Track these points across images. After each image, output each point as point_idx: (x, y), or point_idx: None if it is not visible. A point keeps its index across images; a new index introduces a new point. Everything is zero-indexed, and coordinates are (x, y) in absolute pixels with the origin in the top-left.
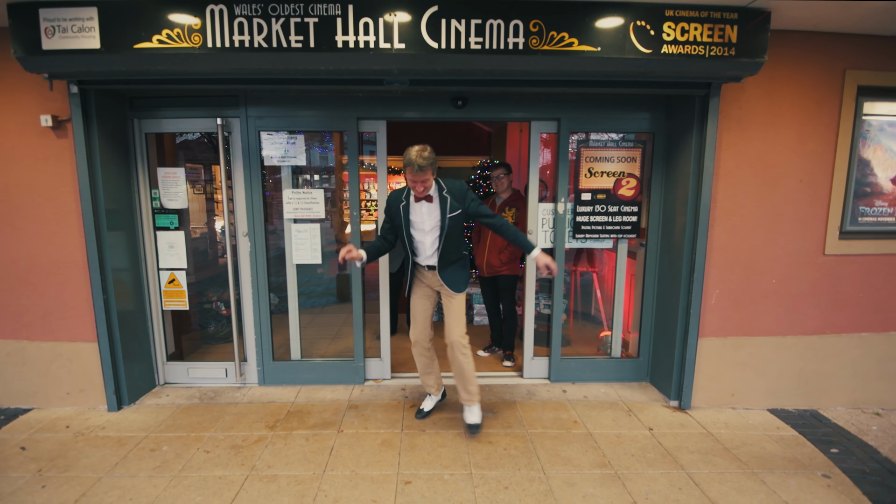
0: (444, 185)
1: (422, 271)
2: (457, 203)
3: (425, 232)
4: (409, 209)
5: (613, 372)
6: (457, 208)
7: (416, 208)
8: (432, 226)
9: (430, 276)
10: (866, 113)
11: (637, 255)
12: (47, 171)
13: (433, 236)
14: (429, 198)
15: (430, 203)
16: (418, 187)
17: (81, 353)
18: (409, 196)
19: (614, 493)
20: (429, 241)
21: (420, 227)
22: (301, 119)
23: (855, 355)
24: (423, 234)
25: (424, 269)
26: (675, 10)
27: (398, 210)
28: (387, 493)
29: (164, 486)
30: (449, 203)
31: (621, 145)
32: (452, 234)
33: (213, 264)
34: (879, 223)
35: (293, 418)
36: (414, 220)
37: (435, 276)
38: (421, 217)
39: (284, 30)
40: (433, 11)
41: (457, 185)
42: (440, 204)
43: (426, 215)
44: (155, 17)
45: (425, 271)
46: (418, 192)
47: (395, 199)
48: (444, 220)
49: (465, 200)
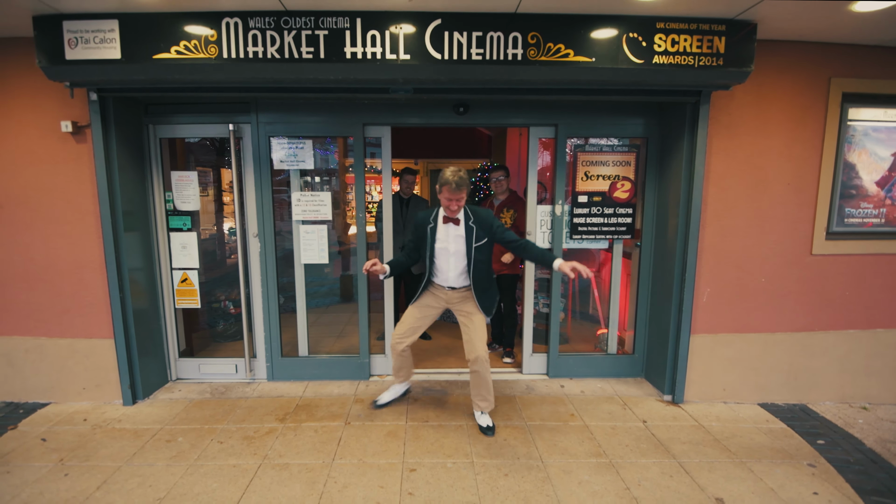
0: (471, 213)
1: (442, 289)
2: (482, 232)
3: (448, 254)
4: (435, 231)
5: (609, 368)
6: (482, 237)
7: (443, 230)
8: (455, 250)
9: (451, 295)
10: (851, 118)
11: (632, 255)
12: (66, 174)
13: (458, 260)
14: (456, 220)
15: (456, 226)
16: (453, 206)
17: (98, 349)
18: (436, 219)
19: (608, 479)
20: (452, 264)
21: (444, 249)
22: (309, 125)
23: (842, 352)
24: (446, 256)
25: (445, 289)
26: (665, 22)
27: (425, 231)
28: (393, 479)
29: (182, 474)
30: (475, 233)
31: (616, 150)
32: (482, 262)
33: (222, 264)
34: (864, 224)
35: (302, 411)
36: (440, 243)
37: (458, 294)
38: (446, 240)
39: (296, 42)
40: (436, 24)
41: (483, 213)
42: (466, 233)
43: (451, 239)
44: (173, 29)
45: (446, 290)
46: (452, 211)
47: (424, 219)
48: (469, 249)
49: (492, 229)
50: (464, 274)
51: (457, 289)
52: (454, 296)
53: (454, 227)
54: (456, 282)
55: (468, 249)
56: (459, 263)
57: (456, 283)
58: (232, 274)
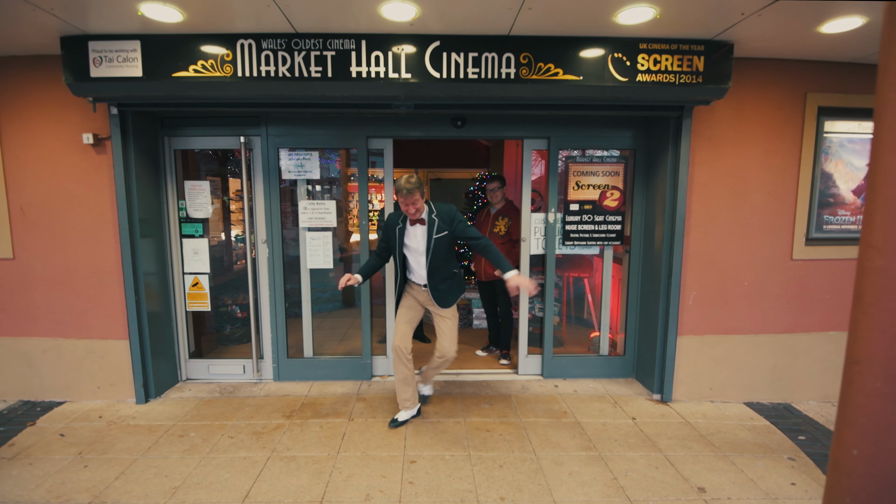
0: (434, 208)
1: (413, 286)
2: (444, 225)
3: (419, 253)
4: (404, 232)
5: (601, 368)
6: (443, 230)
7: (411, 231)
8: (424, 247)
9: (421, 292)
10: (827, 131)
11: (623, 261)
12: (87, 183)
13: (423, 257)
14: (422, 221)
15: (423, 226)
16: (410, 209)
17: (113, 349)
18: (405, 220)
19: (597, 470)
20: (422, 262)
21: (413, 249)
22: (316, 137)
23: (824, 352)
24: (416, 255)
25: (418, 286)
26: (647, 43)
27: (394, 232)
28: (395, 470)
29: (195, 466)
30: (437, 225)
31: (606, 161)
32: (440, 254)
33: (228, 270)
34: (843, 230)
35: (307, 409)
36: (408, 243)
37: (425, 292)
38: (415, 240)
39: (305, 62)
40: (435, 46)
41: (446, 208)
42: (427, 226)
43: (419, 238)
44: (192, 49)
45: (418, 287)
46: (411, 215)
47: (393, 221)
48: (429, 240)
49: (453, 223)
50: (424, 269)
51: (427, 285)
52: (423, 294)
53: (420, 227)
54: (425, 279)
55: (428, 241)
56: (424, 258)
57: (423, 279)
58: (238, 279)
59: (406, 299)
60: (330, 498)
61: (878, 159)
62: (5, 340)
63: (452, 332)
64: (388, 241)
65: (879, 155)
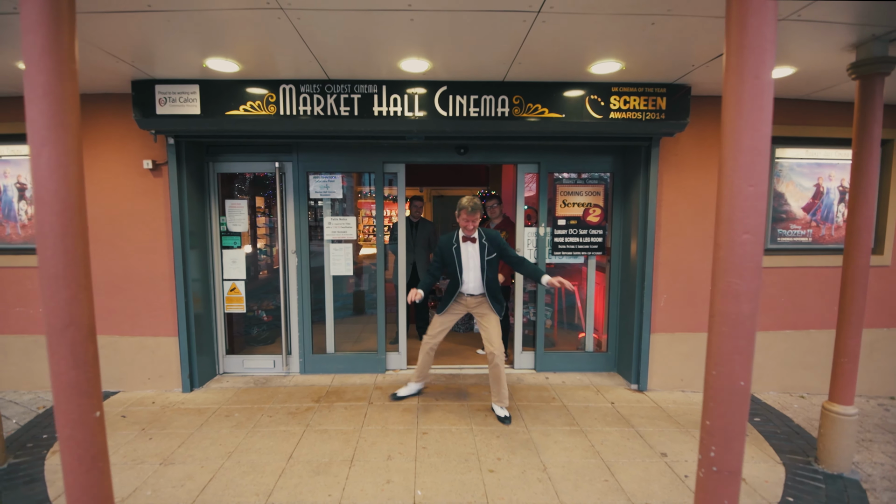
0: (483, 234)
1: (464, 297)
2: (493, 248)
3: (470, 268)
4: (459, 250)
5: (587, 363)
6: (493, 252)
7: (464, 248)
8: (475, 263)
9: (470, 301)
10: (778, 157)
11: (606, 269)
12: (144, 203)
13: (475, 272)
14: (473, 239)
15: (473, 244)
16: (469, 225)
17: (162, 345)
18: (458, 240)
19: (578, 440)
20: (472, 276)
21: (466, 264)
22: (339, 163)
23: (782, 349)
24: (468, 270)
25: (466, 296)
26: (618, 87)
27: (451, 252)
28: (410, 438)
29: (243, 437)
30: (487, 249)
31: (588, 182)
32: (492, 272)
33: (255, 279)
34: (795, 242)
35: (332, 395)
36: (463, 259)
37: (475, 300)
38: (467, 256)
39: (336, 103)
40: (443, 90)
41: (493, 234)
42: (480, 249)
43: (471, 256)
44: (242, 92)
45: (467, 297)
46: (468, 231)
47: (447, 242)
48: (483, 261)
49: (500, 247)
50: (480, 282)
51: (475, 295)
52: (472, 301)
53: (472, 245)
54: (475, 290)
55: (482, 262)
56: (477, 274)
57: (475, 290)
58: (264, 287)
59: (454, 306)
60: (359, 457)
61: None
62: None
63: (498, 331)
64: (444, 260)
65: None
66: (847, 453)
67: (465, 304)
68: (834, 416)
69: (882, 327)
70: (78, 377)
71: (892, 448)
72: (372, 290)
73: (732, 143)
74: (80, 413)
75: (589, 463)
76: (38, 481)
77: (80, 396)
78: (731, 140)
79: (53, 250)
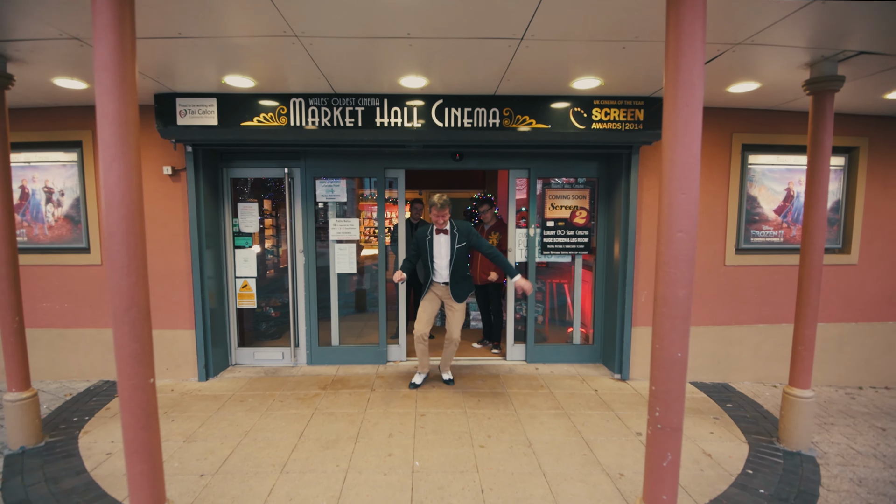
0: (454, 224)
1: (437, 285)
2: (462, 237)
3: (442, 257)
4: (432, 241)
5: (574, 355)
6: (462, 241)
7: (437, 240)
8: (446, 253)
9: (442, 288)
10: (751, 163)
11: (592, 267)
12: (164, 206)
13: (447, 261)
14: (445, 231)
15: (446, 235)
16: (440, 220)
17: (180, 338)
18: (432, 232)
19: (562, 422)
20: (444, 265)
21: (438, 254)
22: (343, 168)
23: (755, 341)
24: (440, 259)
25: (439, 284)
26: (599, 100)
27: (425, 242)
28: (409, 420)
29: (258, 419)
30: (457, 238)
31: (575, 187)
32: (460, 260)
33: (263, 277)
34: (766, 242)
35: (337, 383)
36: (435, 249)
37: (446, 289)
38: (440, 247)
39: (342, 115)
40: (440, 103)
41: (464, 225)
42: (451, 238)
43: (443, 246)
44: (256, 104)
45: (440, 285)
46: (439, 224)
47: (423, 233)
48: (453, 250)
49: (470, 237)
50: (448, 270)
51: (447, 283)
52: (442, 290)
53: (444, 236)
54: (445, 278)
55: (452, 250)
56: (446, 262)
57: (445, 278)
58: (271, 285)
59: (429, 294)
60: (363, 435)
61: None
62: (90, 331)
63: (459, 322)
64: (419, 249)
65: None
66: (805, 433)
67: (436, 293)
68: (793, 399)
69: (850, 322)
70: (137, 350)
71: (851, 430)
72: (373, 288)
73: (669, 160)
74: (138, 379)
75: (570, 440)
76: (74, 456)
77: (139, 366)
78: (668, 157)
79: (119, 246)
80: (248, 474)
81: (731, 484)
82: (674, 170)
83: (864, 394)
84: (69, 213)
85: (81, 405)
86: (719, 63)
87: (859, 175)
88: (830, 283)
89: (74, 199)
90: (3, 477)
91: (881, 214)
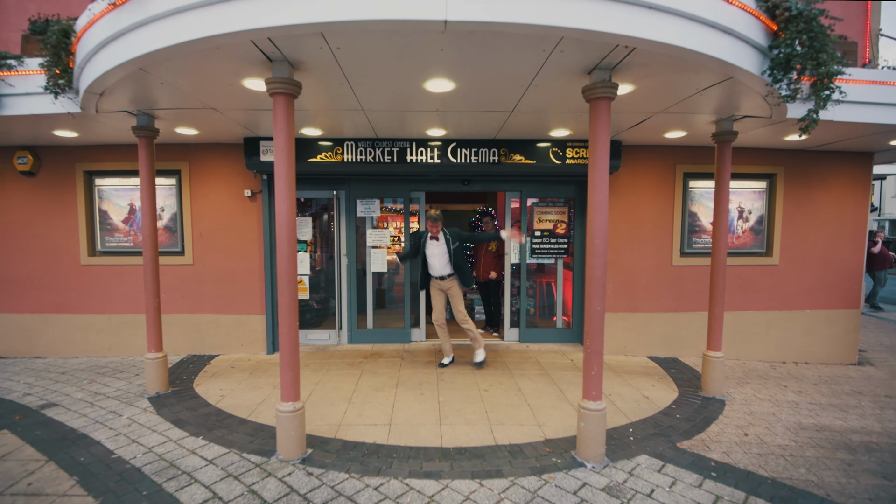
0: (446, 232)
1: (435, 280)
2: (453, 240)
3: (436, 256)
4: (426, 244)
5: (558, 336)
6: (454, 242)
7: (430, 244)
8: (440, 253)
9: (440, 282)
10: (692, 186)
11: (572, 267)
12: (243, 220)
13: (442, 259)
14: (437, 238)
15: (437, 241)
16: (433, 230)
17: (252, 321)
18: (426, 236)
19: (545, 379)
20: (438, 262)
21: (432, 254)
22: (377, 190)
23: (698, 325)
24: (433, 258)
25: (436, 279)
26: (571, 142)
27: (419, 243)
28: (432, 377)
29: (320, 378)
30: (450, 242)
31: (556, 205)
32: (458, 256)
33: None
34: (705, 247)
35: (375, 355)
36: (428, 250)
37: (445, 281)
38: (432, 249)
39: (381, 154)
40: (454, 145)
41: (452, 230)
42: (445, 242)
43: (435, 248)
44: (318, 146)
45: (437, 280)
46: (433, 232)
47: (418, 236)
48: (449, 250)
49: (460, 237)
50: (447, 266)
51: (444, 277)
52: (443, 283)
53: (436, 242)
54: (442, 272)
55: (448, 251)
56: (443, 261)
57: (442, 273)
58: (314, 282)
59: (432, 290)
60: (401, 384)
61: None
62: (183, 316)
63: (459, 302)
64: (416, 245)
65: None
66: (718, 384)
67: (438, 287)
68: (709, 359)
69: (775, 310)
70: (292, 308)
71: (760, 387)
72: (399, 284)
73: (593, 198)
74: (290, 330)
75: (548, 388)
76: (197, 398)
77: (292, 321)
78: (592, 197)
79: (283, 256)
80: (327, 404)
81: (657, 412)
82: (595, 205)
83: (785, 367)
84: (168, 224)
85: (183, 369)
86: (653, 121)
87: (777, 195)
88: (758, 280)
89: (172, 213)
90: (155, 408)
91: (796, 225)
